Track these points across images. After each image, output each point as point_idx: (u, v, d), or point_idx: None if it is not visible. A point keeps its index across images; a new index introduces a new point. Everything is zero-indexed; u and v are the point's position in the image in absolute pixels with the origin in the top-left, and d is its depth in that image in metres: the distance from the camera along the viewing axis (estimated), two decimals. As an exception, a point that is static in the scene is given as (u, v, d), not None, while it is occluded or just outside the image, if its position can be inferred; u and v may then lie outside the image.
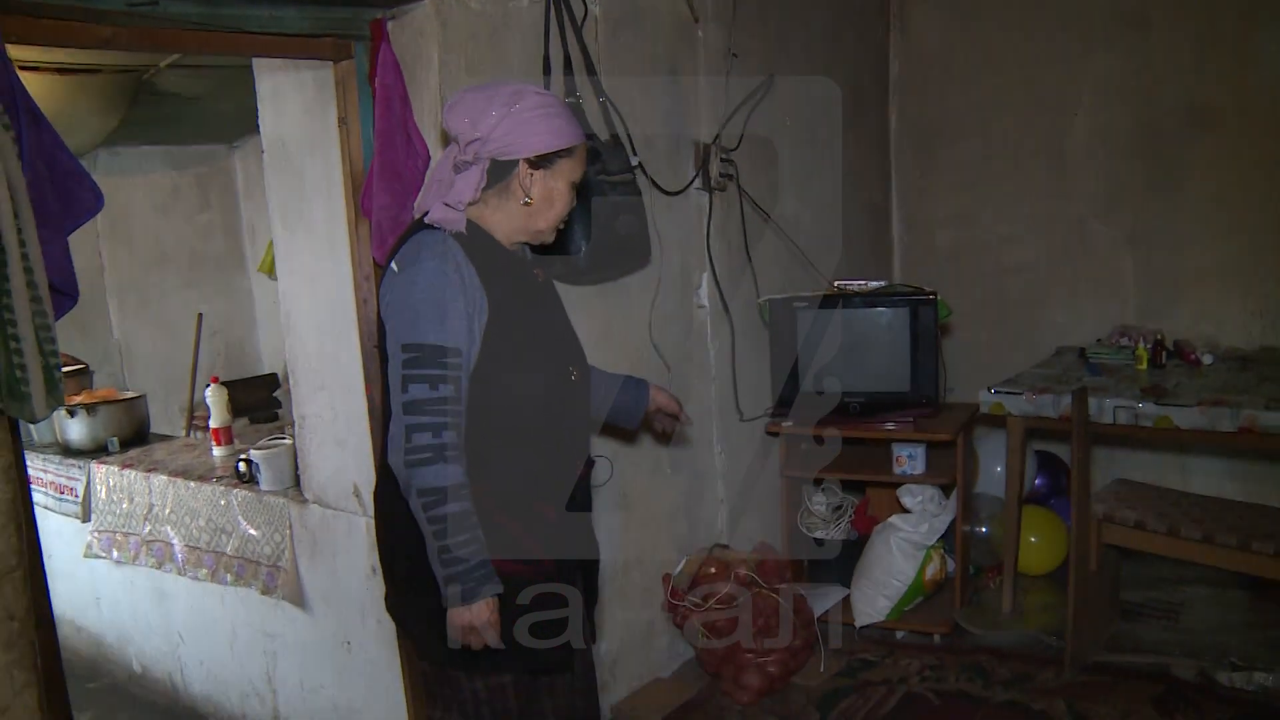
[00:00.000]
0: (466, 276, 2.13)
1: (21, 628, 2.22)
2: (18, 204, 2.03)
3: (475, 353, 2.16)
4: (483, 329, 2.16)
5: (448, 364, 2.10)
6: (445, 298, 2.10)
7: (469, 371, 2.15)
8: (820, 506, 4.42)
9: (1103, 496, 3.85)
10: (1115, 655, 3.87)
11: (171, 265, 5.57)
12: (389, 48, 2.86)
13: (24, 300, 2.04)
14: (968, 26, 5.25)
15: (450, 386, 2.10)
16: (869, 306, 4.20)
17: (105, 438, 4.30)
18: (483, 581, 2.11)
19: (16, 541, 2.20)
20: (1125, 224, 4.92)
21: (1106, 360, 4.46)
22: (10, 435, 2.18)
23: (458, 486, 2.10)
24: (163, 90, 4.33)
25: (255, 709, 3.83)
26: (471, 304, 2.13)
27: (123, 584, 4.23)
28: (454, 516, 2.09)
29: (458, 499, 2.09)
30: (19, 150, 2.07)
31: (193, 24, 2.54)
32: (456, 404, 2.11)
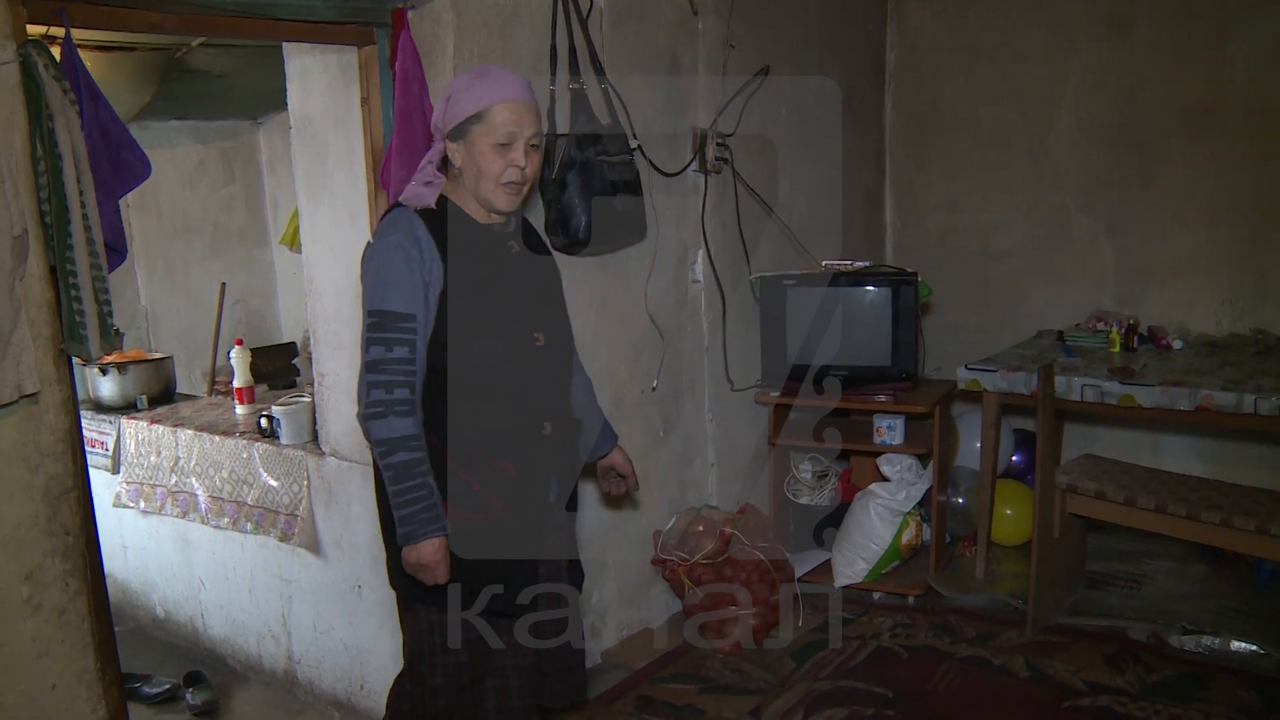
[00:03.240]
0: (426, 249, 2.36)
1: (75, 542, 2.49)
2: (79, 169, 2.30)
3: (432, 319, 2.38)
4: (438, 296, 2.38)
5: (402, 328, 2.34)
6: (402, 269, 2.34)
7: (426, 335, 2.38)
8: (806, 473, 4.68)
9: (1068, 468, 4.09)
10: (1075, 618, 4.12)
11: (196, 236, 5.75)
12: (409, 35, 3.11)
13: (84, 254, 2.31)
14: (961, 20, 5.47)
15: (405, 349, 2.34)
16: (854, 285, 4.44)
17: (135, 395, 4.53)
18: (425, 524, 2.35)
19: (72, 465, 2.47)
20: (1105, 214, 5.13)
21: (1082, 343, 4.70)
22: (68, 373, 2.44)
23: (405, 438, 2.34)
24: (193, 67, 4.55)
25: (271, 650, 4.05)
26: (428, 273, 2.36)
27: (148, 533, 4.45)
28: (402, 465, 2.34)
29: (406, 450, 2.34)
30: (81, 122, 2.33)
31: (230, 10, 2.79)
32: (410, 365, 2.35)
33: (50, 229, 2.35)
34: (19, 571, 2.47)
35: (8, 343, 2.32)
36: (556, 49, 3.50)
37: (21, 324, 2.35)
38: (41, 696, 2.55)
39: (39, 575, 2.50)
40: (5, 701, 2.49)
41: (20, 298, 2.35)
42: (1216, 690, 3.55)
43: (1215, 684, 3.59)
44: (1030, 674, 3.71)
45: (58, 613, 2.54)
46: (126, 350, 4.93)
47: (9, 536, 2.45)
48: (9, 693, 2.49)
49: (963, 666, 3.80)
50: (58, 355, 2.47)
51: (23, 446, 2.45)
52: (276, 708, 3.90)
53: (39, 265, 2.41)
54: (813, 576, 4.47)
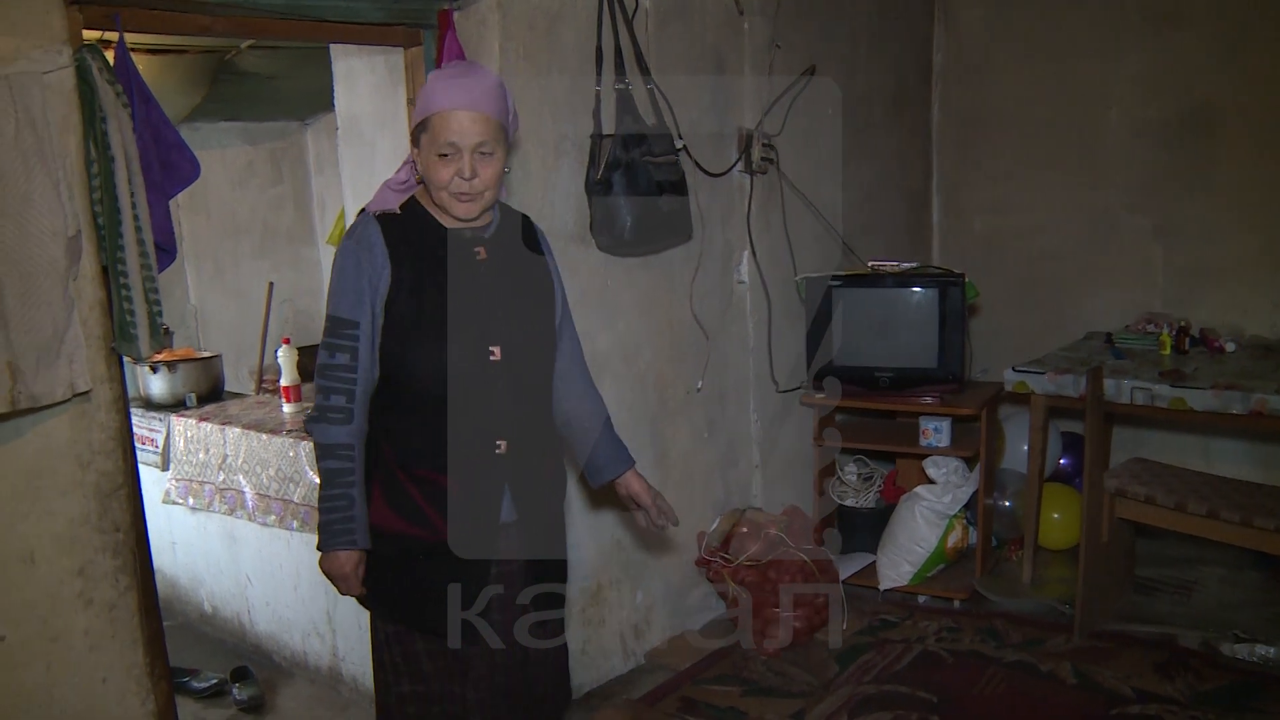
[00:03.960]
0: (378, 253, 2.28)
1: (125, 539, 2.53)
2: (131, 171, 2.34)
3: (379, 324, 2.30)
4: (383, 301, 2.29)
5: (345, 335, 2.27)
6: (351, 274, 2.28)
7: (374, 342, 2.31)
8: (851, 475, 4.66)
9: (1117, 472, 4.04)
10: (1124, 624, 4.06)
11: (245, 236, 5.80)
12: (454, 36, 3.13)
13: (134, 254, 2.35)
14: (1009, 19, 5.42)
15: (345, 355, 2.27)
16: (900, 286, 4.42)
17: (184, 393, 4.57)
18: (337, 535, 2.29)
19: (123, 463, 2.51)
20: (1156, 214, 5.06)
21: (1132, 345, 4.64)
22: (119, 371, 2.48)
23: (335, 446, 2.29)
24: (242, 70, 4.60)
25: (316, 647, 4.07)
26: (375, 276, 2.28)
27: (196, 529, 4.48)
28: (327, 472, 2.30)
29: (334, 458, 2.29)
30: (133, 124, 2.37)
31: (279, 13, 2.82)
32: (350, 371, 2.28)
33: (102, 230, 2.39)
34: (71, 567, 2.51)
35: (61, 342, 2.36)
36: (602, 49, 3.51)
37: (74, 323, 2.39)
38: (93, 690, 2.59)
39: (90, 571, 2.54)
40: (57, 694, 2.53)
41: (73, 297, 2.39)
42: (1270, 700, 3.48)
43: (1269, 694, 3.52)
44: (1078, 681, 3.67)
45: (108, 608, 2.58)
46: (176, 349, 4.97)
47: (61, 533, 2.49)
48: (61, 686, 2.53)
49: (1009, 672, 3.76)
50: (109, 354, 2.51)
51: (75, 444, 2.49)
52: (321, 704, 3.92)
53: (91, 266, 2.45)
54: (857, 579, 4.44)
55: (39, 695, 2.51)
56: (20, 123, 2.24)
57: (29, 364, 2.30)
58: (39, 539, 2.47)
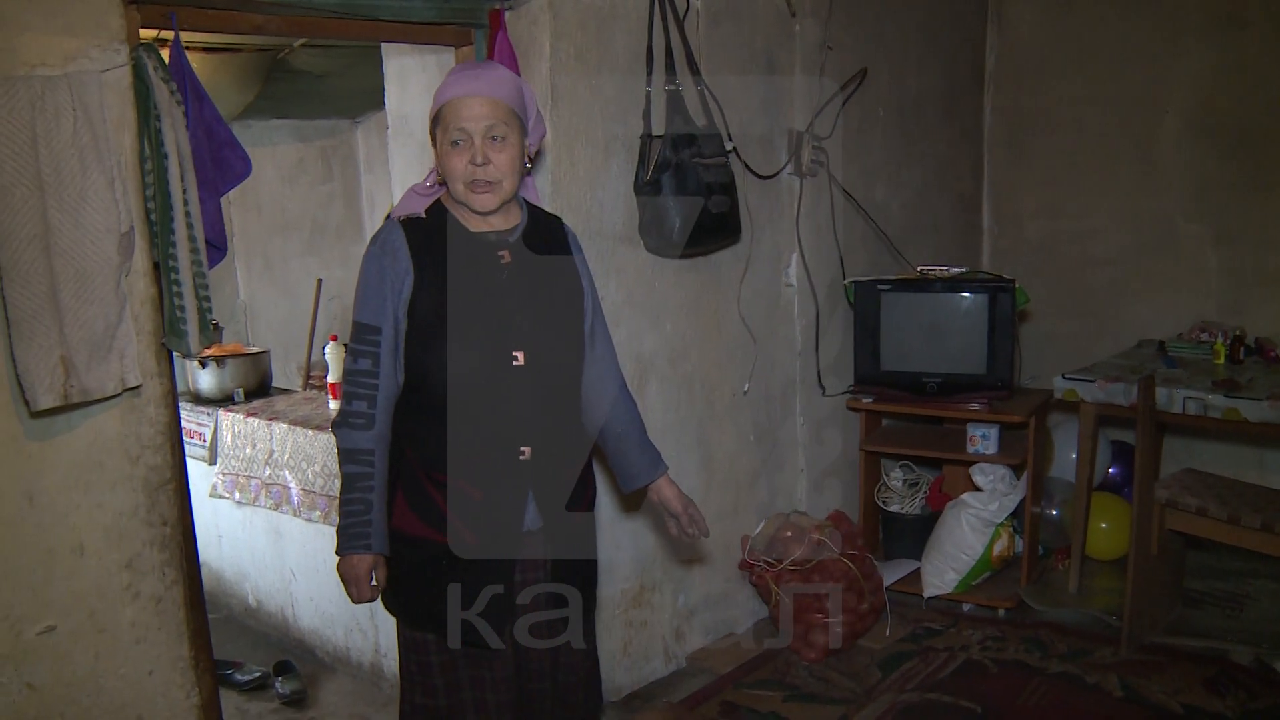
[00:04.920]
0: (401, 258, 2.27)
1: (172, 533, 2.55)
2: (184, 168, 2.36)
3: (403, 329, 2.29)
4: (406, 305, 2.28)
5: (367, 340, 2.27)
6: (374, 280, 2.28)
7: (397, 348, 2.30)
8: (897, 481, 4.63)
9: (1168, 483, 3.98)
10: (1173, 638, 4.00)
11: (294, 232, 5.84)
12: (505, 35, 3.13)
13: (185, 250, 2.37)
14: (1063, 21, 5.36)
15: (367, 361, 2.27)
16: (950, 291, 4.37)
17: (232, 388, 4.61)
18: (352, 540, 2.30)
19: (171, 459, 2.53)
20: (1212, 221, 4.99)
21: (1185, 354, 4.57)
22: (169, 367, 2.50)
23: (356, 451, 2.29)
24: (294, 68, 4.64)
25: (358, 643, 4.09)
26: (398, 282, 2.27)
27: (242, 523, 4.52)
28: (348, 477, 2.30)
29: (355, 463, 2.29)
30: (186, 122, 2.39)
31: (332, 12, 2.83)
32: (372, 377, 2.28)
33: (155, 226, 2.41)
34: (119, 560, 2.54)
35: (113, 337, 2.38)
36: (653, 50, 3.50)
37: (126, 318, 2.41)
38: (139, 681, 2.62)
39: (138, 564, 2.57)
40: (105, 685, 2.56)
41: (125, 293, 2.41)
42: (1324, 718, 3.42)
43: (1322, 711, 3.46)
44: (1125, 694, 3.61)
45: (155, 600, 2.60)
46: (225, 344, 5.02)
47: (110, 526, 2.51)
48: (109, 676, 2.56)
49: (1054, 683, 3.72)
50: (159, 349, 2.53)
51: (124, 438, 2.52)
52: (362, 699, 3.94)
53: (143, 262, 2.48)
54: (901, 586, 4.41)
55: (87, 685, 2.54)
56: (79, 121, 2.27)
57: (81, 358, 2.33)
58: (89, 531, 2.50)
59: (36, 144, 2.22)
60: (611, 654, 3.69)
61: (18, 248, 2.22)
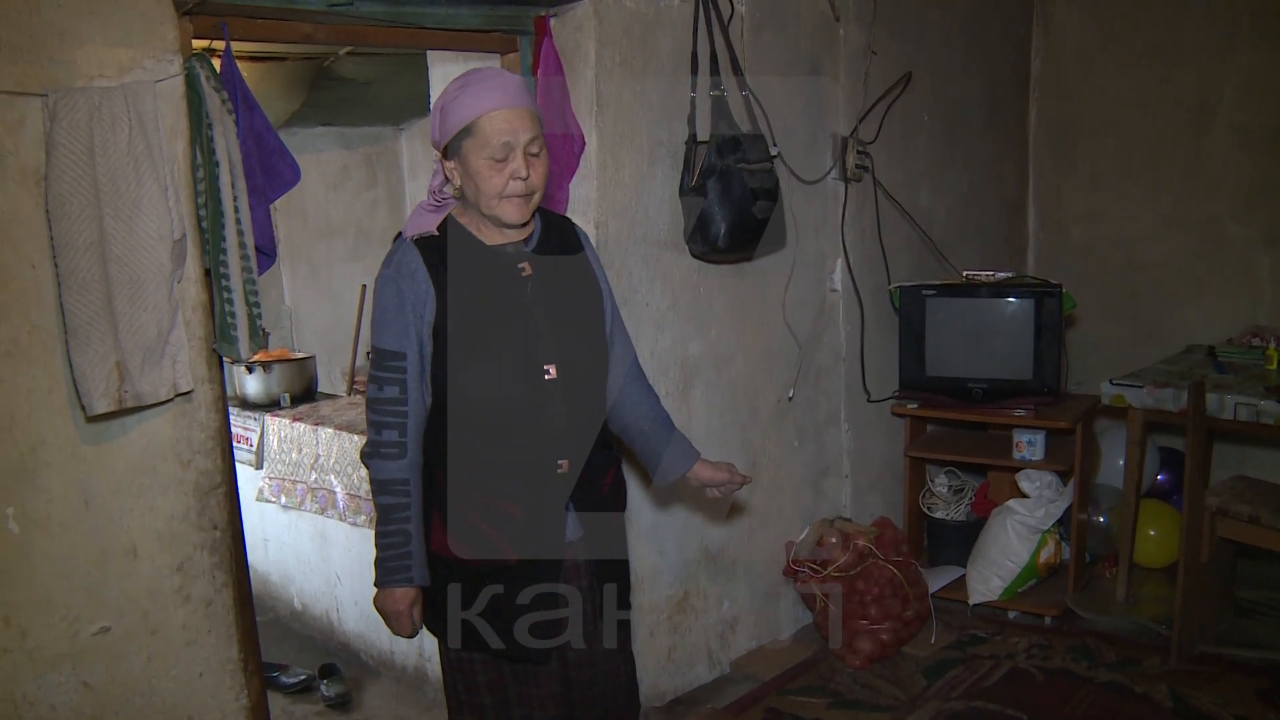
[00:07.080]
0: (420, 280, 2.21)
1: (222, 536, 2.58)
2: (234, 176, 2.39)
3: (428, 352, 2.24)
4: (431, 327, 2.23)
5: (391, 367, 2.22)
6: (393, 305, 2.22)
7: (423, 371, 2.25)
8: (942, 488, 4.60)
9: (1219, 490, 3.92)
10: (1225, 648, 3.95)
11: (339, 238, 5.89)
12: (550, 42, 3.14)
13: (236, 257, 2.40)
14: (1109, 23, 5.31)
15: (394, 388, 2.22)
16: (996, 296, 4.34)
17: (278, 393, 4.65)
18: (392, 573, 2.25)
19: (221, 463, 2.56)
20: (1263, 224, 4.93)
21: (1235, 359, 4.51)
22: (219, 372, 2.53)
23: (390, 482, 2.24)
24: (340, 76, 4.69)
25: (403, 647, 4.10)
26: (420, 304, 2.21)
27: (288, 527, 4.56)
28: (384, 508, 2.25)
29: (390, 493, 2.24)
30: (237, 130, 2.41)
31: (379, 20, 2.86)
32: (400, 405, 2.22)
33: (206, 234, 2.44)
34: (171, 563, 2.57)
35: (165, 343, 2.41)
36: (698, 55, 3.50)
37: (178, 325, 2.44)
38: (190, 683, 2.65)
39: (189, 567, 2.60)
40: (157, 686, 2.59)
41: (177, 300, 2.44)
42: (1379, 730, 3.37)
43: (1378, 723, 3.41)
44: (1174, 705, 3.57)
45: (205, 603, 2.63)
46: (271, 349, 5.06)
47: (162, 529, 2.55)
48: (161, 678, 2.59)
49: (1101, 692, 3.68)
50: (210, 355, 2.56)
51: (176, 443, 2.55)
52: (406, 703, 3.96)
53: (195, 268, 2.51)
54: (947, 592, 4.37)
55: (140, 686, 2.57)
56: (134, 130, 2.30)
57: (135, 364, 2.35)
58: (141, 534, 2.53)
59: (94, 154, 2.25)
60: (656, 660, 3.69)
61: (75, 255, 2.25)
